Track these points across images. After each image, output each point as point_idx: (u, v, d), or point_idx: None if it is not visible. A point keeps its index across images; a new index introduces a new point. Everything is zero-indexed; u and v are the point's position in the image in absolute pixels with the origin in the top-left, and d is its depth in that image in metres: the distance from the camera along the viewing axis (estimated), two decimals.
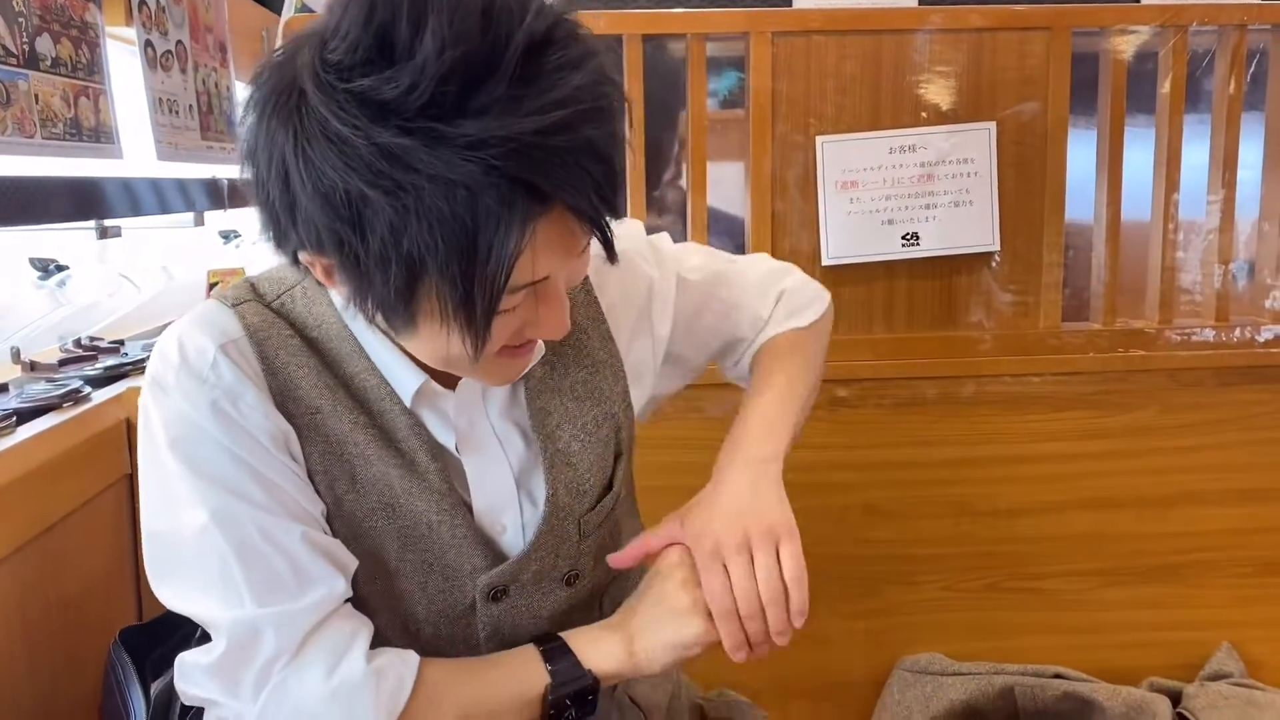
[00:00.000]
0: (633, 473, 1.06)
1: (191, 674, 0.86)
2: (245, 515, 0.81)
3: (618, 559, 0.95)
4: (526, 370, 0.89)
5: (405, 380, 0.86)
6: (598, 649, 0.89)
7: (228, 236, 2.83)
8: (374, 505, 0.87)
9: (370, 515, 0.88)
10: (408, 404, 0.87)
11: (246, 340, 0.83)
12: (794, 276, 1.14)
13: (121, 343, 1.62)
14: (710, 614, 0.87)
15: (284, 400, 0.84)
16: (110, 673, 1.18)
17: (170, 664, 1.26)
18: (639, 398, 1.02)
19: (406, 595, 0.92)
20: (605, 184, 0.71)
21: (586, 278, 0.94)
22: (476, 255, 0.68)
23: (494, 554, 0.92)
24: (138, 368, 1.49)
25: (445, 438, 0.90)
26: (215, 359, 0.81)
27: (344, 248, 0.70)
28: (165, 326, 0.90)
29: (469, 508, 0.91)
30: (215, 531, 0.80)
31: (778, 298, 1.11)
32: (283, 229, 0.74)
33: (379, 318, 0.76)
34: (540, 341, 0.88)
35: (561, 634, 0.91)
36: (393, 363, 0.86)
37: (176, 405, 0.81)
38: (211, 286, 2.01)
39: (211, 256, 2.74)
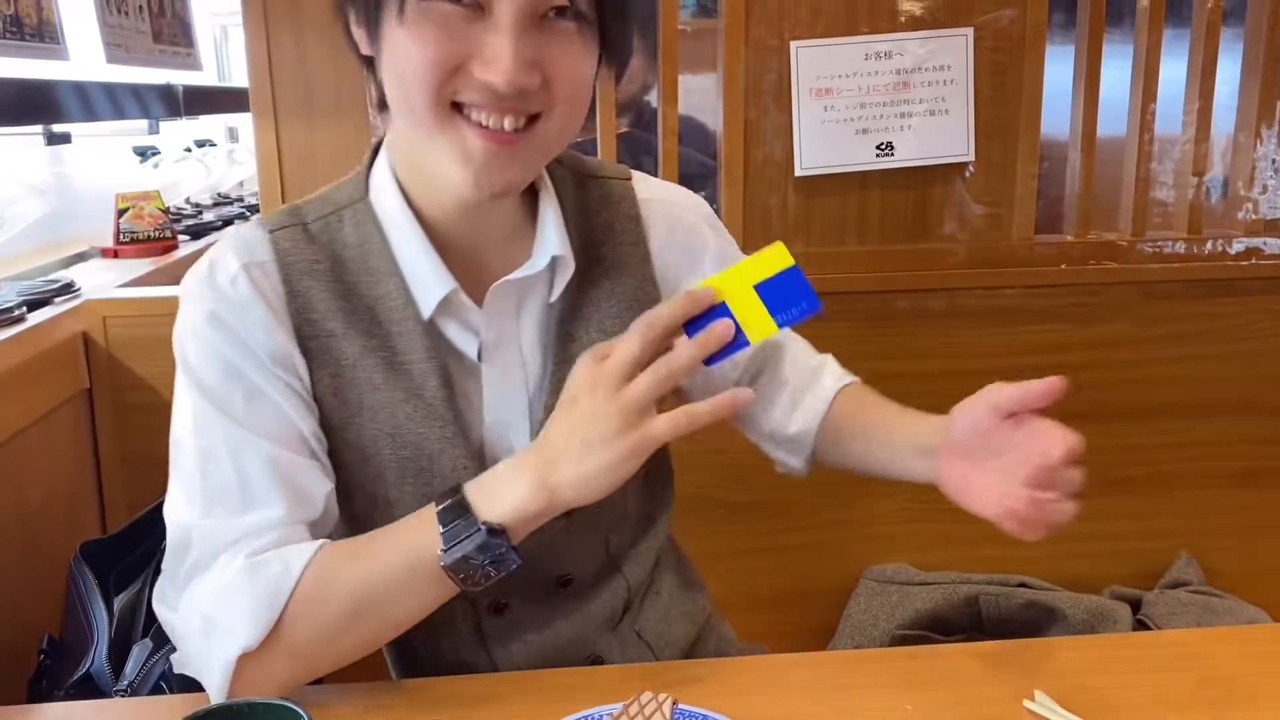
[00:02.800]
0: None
1: None
2: (217, 424, 0.83)
3: None
4: (508, 185, 0.83)
5: (433, 288, 0.87)
6: (503, 493, 0.79)
7: (144, 154, 2.57)
8: (377, 433, 0.88)
9: (373, 442, 0.88)
10: (428, 314, 0.87)
11: (273, 264, 0.87)
12: None
13: None
14: (641, 435, 0.76)
15: (300, 323, 0.86)
16: (72, 586, 1.17)
17: (134, 578, 1.26)
18: None
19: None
20: None
21: (639, 219, 0.97)
22: None
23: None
24: None
25: (467, 346, 0.90)
26: (236, 276, 0.85)
27: None
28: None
29: (469, 438, 0.89)
30: (191, 435, 0.84)
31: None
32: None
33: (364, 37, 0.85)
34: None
35: (469, 483, 0.81)
36: (426, 268, 0.87)
37: (189, 311, 0.86)
38: (121, 212, 1.97)
39: (128, 175, 2.53)
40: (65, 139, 1.60)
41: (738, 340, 0.79)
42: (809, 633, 1.61)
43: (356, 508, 0.90)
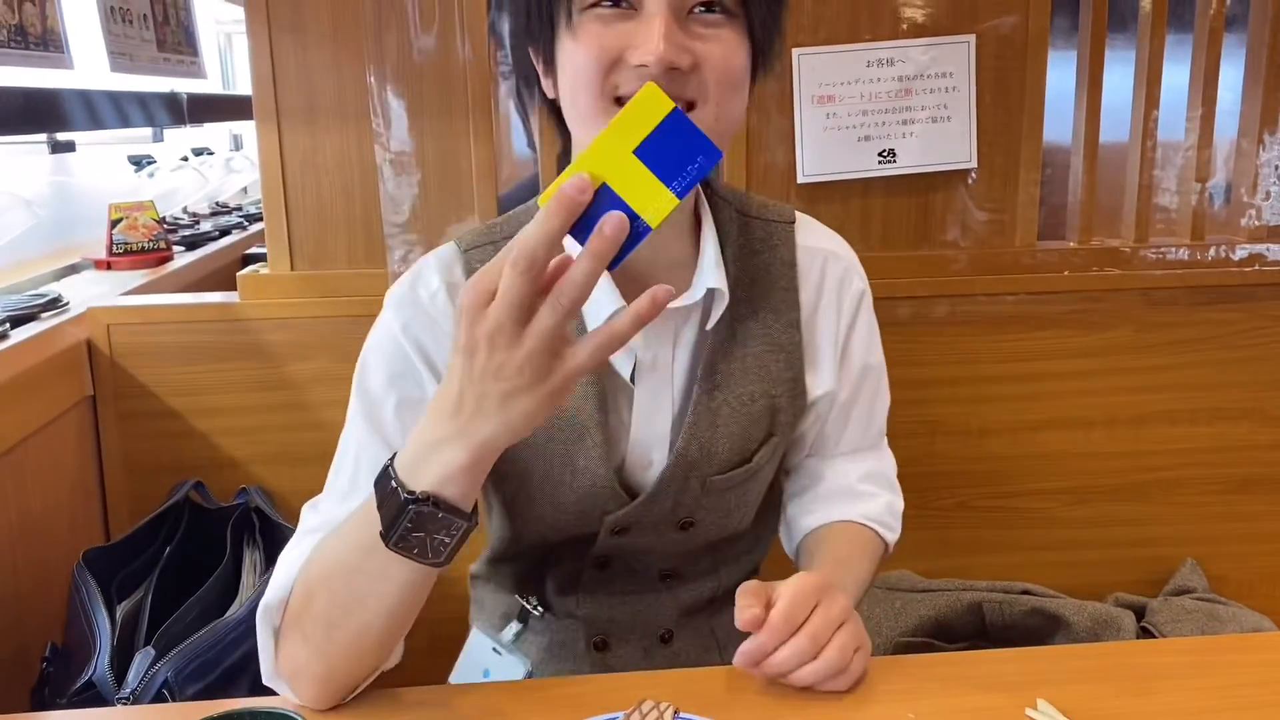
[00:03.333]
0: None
1: None
2: (360, 426, 0.92)
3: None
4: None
5: (602, 305, 0.89)
6: (429, 463, 0.74)
7: (139, 163, 2.46)
8: (532, 441, 0.93)
9: (522, 449, 0.93)
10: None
11: (464, 280, 0.93)
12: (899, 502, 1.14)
13: None
14: (562, 373, 0.70)
15: None
16: (75, 594, 1.17)
17: (136, 585, 1.26)
18: (817, 385, 1.03)
19: (536, 520, 1.00)
20: None
21: (794, 264, 1.01)
22: None
23: (624, 495, 0.97)
24: None
25: (623, 367, 0.94)
26: (436, 292, 0.93)
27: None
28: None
29: (612, 455, 0.96)
30: (345, 428, 0.93)
31: (892, 491, 1.12)
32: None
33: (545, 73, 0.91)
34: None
35: (396, 460, 0.77)
36: (599, 286, 0.82)
37: (387, 319, 0.94)
38: (115, 223, 1.95)
39: (124, 185, 2.44)
40: (69, 147, 1.60)
41: (636, 229, 0.66)
42: None
43: (499, 495, 1.02)
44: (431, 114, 1.50)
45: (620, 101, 0.84)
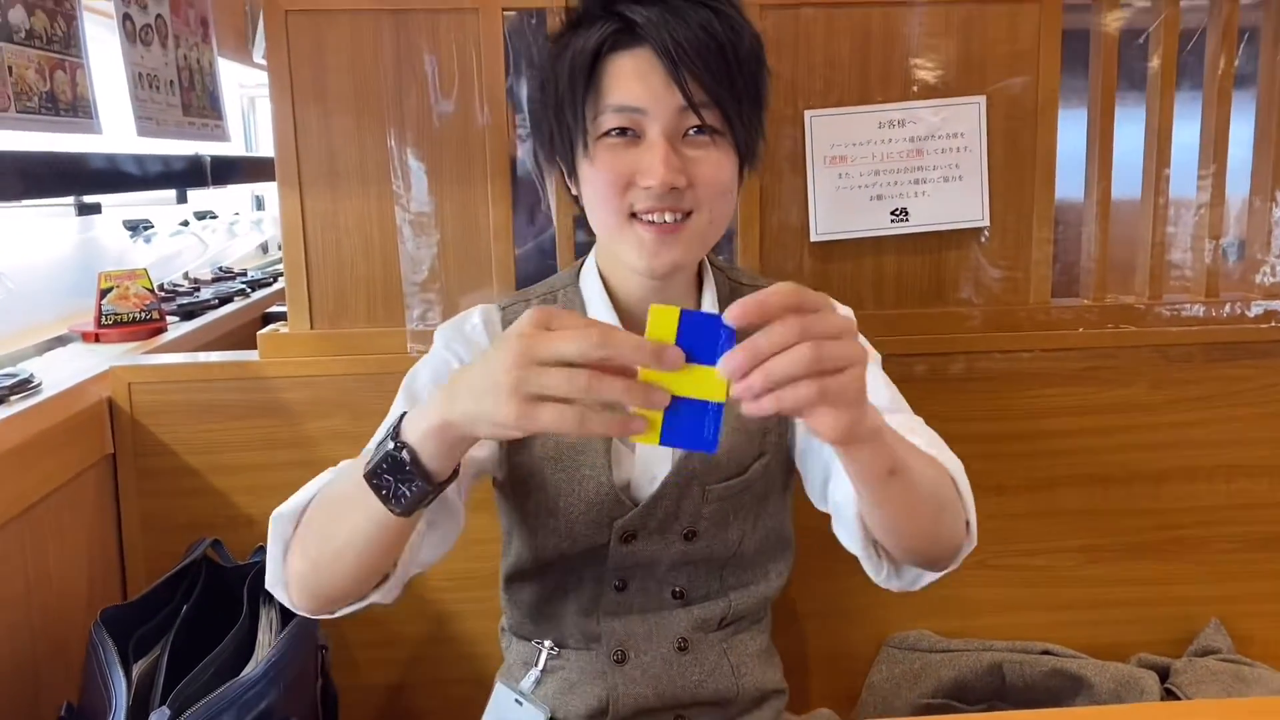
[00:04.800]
0: (787, 477, 1.23)
1: None
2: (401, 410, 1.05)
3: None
4: (674, 264, 1.05)
5: None
6: (419, 418, 0.85)
7: (136, 228, 2.35)
8: (544, 457, 1.13)
9: (540, 464, 1.14)
10: None
11: (499, 326, 1.17)
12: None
13: None
14: (525, 398, 0.75)
15: None
16: (91, 653, 1.18)
17: (153, 644, 1.26)
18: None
19: (554, 530, 1.15)
20: (694, 42, 0.99)
21: None
22: (580, 77, 1.03)
23: (628, 502, 1.13)
24: None
25: None
26: (476, 324, 1.17)
27: (541, 122, 1.11)
28: None
29: (618, 472, 1.13)
30: (391, 413, 1.06)
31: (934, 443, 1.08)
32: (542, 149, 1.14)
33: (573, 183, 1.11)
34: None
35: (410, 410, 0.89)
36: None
37: (435, 343, 1.17)
38: (105, 292, 1.83)
39: (120, 250, 2.32)
40: (96, 209, 1.63)
41: (709, 410, 0.74)
42: (832, 700, 1.59)
43: (517, 504, 1.18)
44: (451, 177, 1.52)
45: (634, 216, 1.04)
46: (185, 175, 1.88)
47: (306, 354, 1.54)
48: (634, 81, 1.02)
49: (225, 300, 2.27)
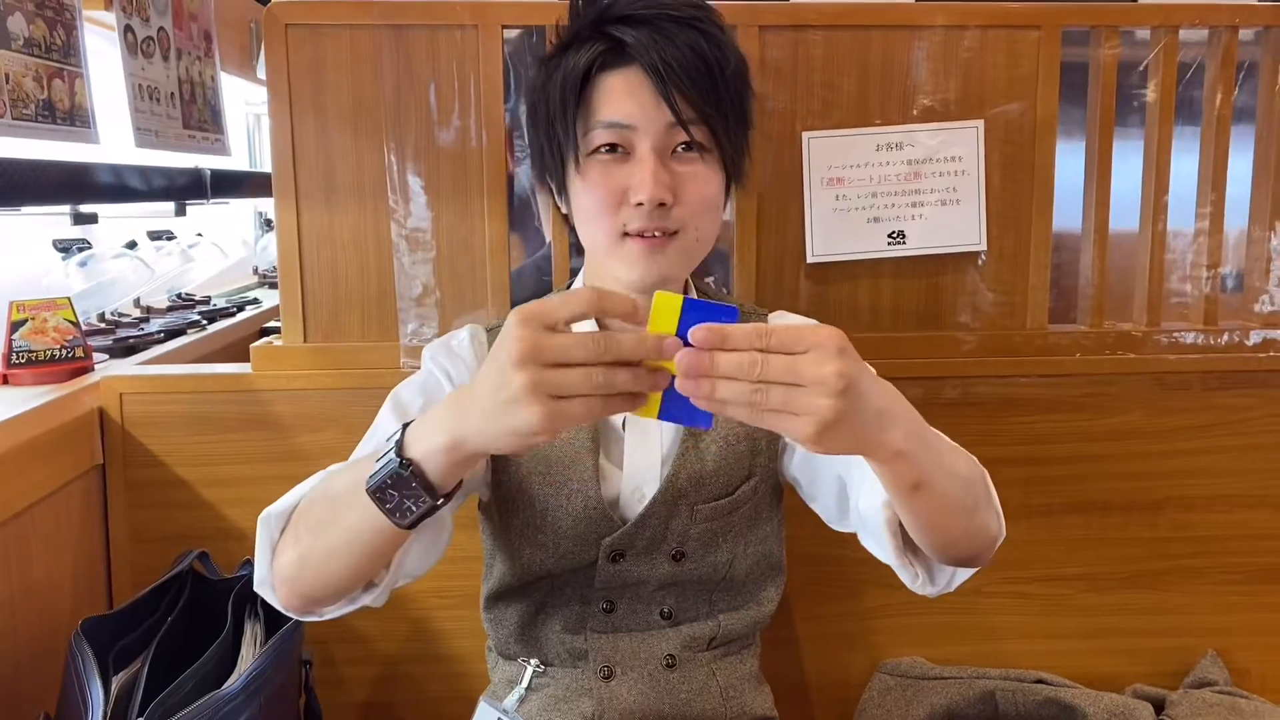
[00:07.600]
0: (777, 501, 1.24)
1: None
2: (388, 421, 1.11)
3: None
4: (662, 276, 1.07)
5: None
6: (425, 435, 0.86)
7: (68, 249, 1.91)
8: (530, 471, 1.14)
9: (527, 477, 1.14)
10: None
11: (485, 346, 1.19)
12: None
13: None
14: (548, 399, 0.76)
15: None
16: (70, 663, 1.16)
17: (134, 656, 1.25)
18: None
19: (541, 547, 1.16)
20: (682, 61, 1.02)
21: (765, 318, 1.23)
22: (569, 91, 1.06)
23: (617, 520, 1.13)
24: None
25: (615, 417, 1.13)
26: (463, 339, 1.20)
27: (532, 142, 1.13)
28: None
29: (605, 487, 1.13)
30: (376, 423, 1.13)
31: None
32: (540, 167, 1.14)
33: (563, 200, 1.13)
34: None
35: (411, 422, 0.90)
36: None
37: (424, 357, 1.19)
38: (16, 325, 1.53)
39: (47, 274, 1.88)
40: (92, 219, 1.63)
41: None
42: None
43: (507, 524, 1.17)
44: (447, 193, 1.53)
45: (627, 234, 1.06)
46: (184, 188, 1.88)
47: (300, 367, 1.54)
48: (624, 99, 1.05)
49: (175, 334, 2.00)
